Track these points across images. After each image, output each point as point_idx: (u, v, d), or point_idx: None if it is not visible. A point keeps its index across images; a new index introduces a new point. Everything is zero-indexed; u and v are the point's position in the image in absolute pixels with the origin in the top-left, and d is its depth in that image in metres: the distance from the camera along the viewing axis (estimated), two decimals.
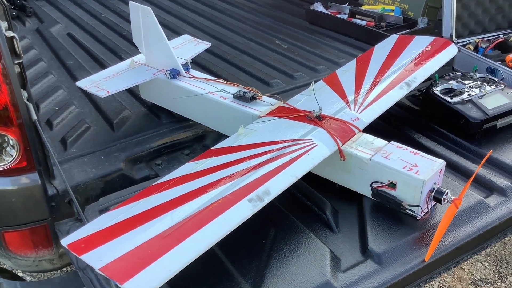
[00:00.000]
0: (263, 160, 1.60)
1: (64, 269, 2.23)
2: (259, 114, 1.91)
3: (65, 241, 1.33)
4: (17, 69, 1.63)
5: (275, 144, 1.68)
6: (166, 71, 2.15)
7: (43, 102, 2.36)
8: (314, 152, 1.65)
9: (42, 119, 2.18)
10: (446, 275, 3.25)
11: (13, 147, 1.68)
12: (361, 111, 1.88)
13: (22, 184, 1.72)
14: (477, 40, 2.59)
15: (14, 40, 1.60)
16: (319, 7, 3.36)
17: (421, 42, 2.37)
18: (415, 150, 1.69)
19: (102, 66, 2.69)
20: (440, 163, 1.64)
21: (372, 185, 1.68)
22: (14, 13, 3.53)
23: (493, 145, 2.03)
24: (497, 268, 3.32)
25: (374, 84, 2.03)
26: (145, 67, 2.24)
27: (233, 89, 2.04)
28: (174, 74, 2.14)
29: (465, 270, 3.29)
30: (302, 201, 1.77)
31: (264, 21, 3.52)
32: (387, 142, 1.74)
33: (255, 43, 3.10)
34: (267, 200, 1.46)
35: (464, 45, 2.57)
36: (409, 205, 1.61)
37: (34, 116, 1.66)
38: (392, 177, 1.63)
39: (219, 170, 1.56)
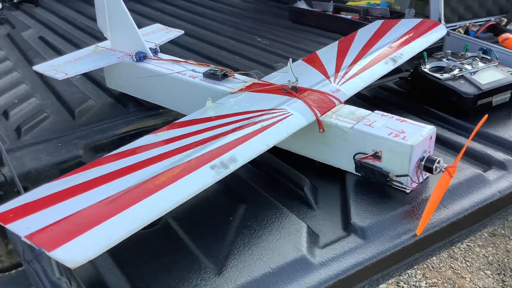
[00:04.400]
0: (231, 128, 1.41)
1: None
2: (230, 91, 1.73)
3: None
4: None
5: (245, 114, 1.50)
6: (132, 54, 1.98)
7: (2, 95, 2.18)
8: (288, 121, 1.47)
9: None
10: (446, 284, 3.02)
11: None
12: (342, 83, 1.71)
13: None
14: (467, 24, 2.44)
15: None
16: (302, 5, 3.24)
17: (407, 24, 2.22)
18: (401, 118, 1.51)
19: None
20: (430, 128, 1.46)
21: (355, 158, 1.49)
22: None
23: (489, 123, 1.83)
24: (501, 277, 3.09)
25: (356, 60, 1.87)
26: (110, 51, 2.08)
27: (204, 69, 1.87)
28: (140, 56, 1.97)
29: (467, 279, 3.06)
30: (277, 179, 1.58)
31: (245, 22, 3.39)
32: (370, 111, 1.56)
33: (236, 41, 2.96)
34: (232, 167, 1.27)
35: (454, 30, 2.42)
36: (397, 176, 1.42)
37: None
38: (376, 146, 1.44)
39: (180, 140, 1.38)
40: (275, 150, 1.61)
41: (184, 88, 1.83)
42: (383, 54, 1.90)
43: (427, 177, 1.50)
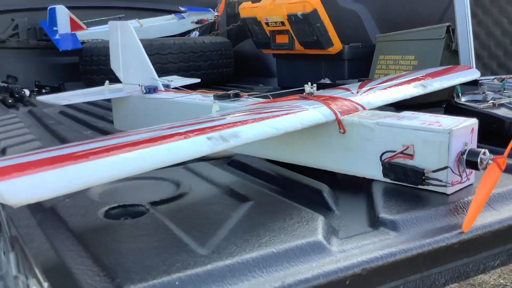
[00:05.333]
0: (240, 116, 1.23)
1: None
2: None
3: None
4: None
5: (256, 111, 1.32)
6: (142, 86, 1.88)
7: None
8: (303, 114, 1.29)
9: None
10: None
11: None
12: (366, 95, 1.53)
13: None
14: (503, 77, 2.28)
15: None
16: (327, 81, 3.17)
17: (439, 69, 2.09)
18: (436, 114, 1.30)
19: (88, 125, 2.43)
20: (472, 120, 1.24)
21: (382, 158, 1.26)
22: (10, 101, 3.45)
23: None
24: None
25: (383, 82, 1.70)
26: (120, 87, 1.98)
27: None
28: (150, 88, 1.87)
29: None
30: (292, 186, 1.33)
31: None
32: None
33: None
34: (233, 142, 1.07)
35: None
36: (434, 171, 1.17)
37: None
38: (407, 140, 1.22)
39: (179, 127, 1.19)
40: (290, 166, 1.41)
41: (195, 111, 1.68)
42: (413, 80, 1.74)
43: (471, 184, 1.25)
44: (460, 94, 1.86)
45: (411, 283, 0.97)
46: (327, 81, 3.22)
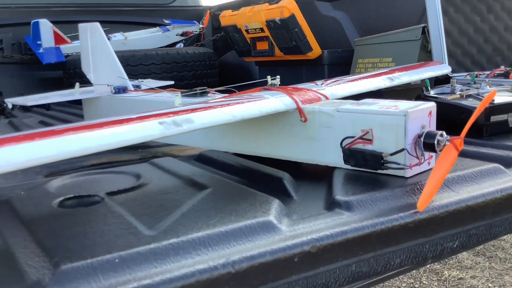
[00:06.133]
0: (198, 105, 1.23)
1: None
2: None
3: None
4: None
5: (220, 101, 1.31)
6: (111, 86, 1.88)
7: None
8: (263, 102, 1.28)
9: None
10: None
11: None
12: (330, 86, 1.53)
13: None
14: (475, 73, 2.29)
15: None
16: None
17: (411, 65, 2.10)
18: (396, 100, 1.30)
19: None
20: (429, 103, 1.24)
21: (343, 144, 1.25)
22: None
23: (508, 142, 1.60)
24: None
25: (350, 77, 1.71)
26: (90, 89, 1.98)
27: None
28: (120, 89, 1.86)
29: None
30: (252, 175, 1.32)
31: None
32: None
33: None
34: (186, 127, 1.07)
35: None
36: (392, 154, 1.17)
37: None
38: (366, 125, 1.21)
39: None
40: (252, 158, 1.41)
41: (160, 107, 1.67)
42: (381, 74, 1.74)
43: (431, 168, 1.24)
44: (429, 88, 1.86)
45: (364, 261, 0.96)
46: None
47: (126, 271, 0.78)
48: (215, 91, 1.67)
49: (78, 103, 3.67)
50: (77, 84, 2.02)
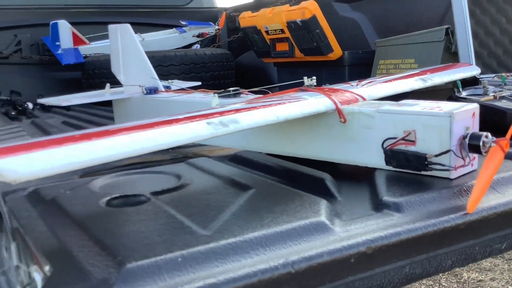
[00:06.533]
0: (239, 105, 1.23)
1: None
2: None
3: None
4: None
5: (256, 103, 1.32)
6: (143, 87, 1.89)
7: None
8: (303, 103, 1.29)
9: None
10: None
11: None
12: (367, 87, 1.53)
13: None
14: (505, 74, 2.28)
15: None
16: None
17: (439, 66, 2.09)
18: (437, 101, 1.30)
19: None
20: (473, 105, 1.24)
21: (384, 146, 1.25)
22: (13, 113, 3.46)
23: None
24: None
25: (384, 77, 1.71)
26: (121, 89, 1.99)
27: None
28: (151, 89, 1.87)
29: None
30: (293, 176, 1.33)
31: None
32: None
33: None
34: (233, 127, 1.07)
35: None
36: (436, 155, 1.16)
37: None
38: (408, 126, 1.21)
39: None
40: (290, 158, 1.41)
41: (194, 108, 1.67)
42: (413, 75, 1.74)
43: (475, 170, 1.24)
44: (460, 89, 1.86)
45: (418, 263, 0.96)
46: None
47: (189, 270, 0.79)
48: (248, 91, 1.67)
49: (99, 104, 3.69)
50: (108, 85, 2.04)
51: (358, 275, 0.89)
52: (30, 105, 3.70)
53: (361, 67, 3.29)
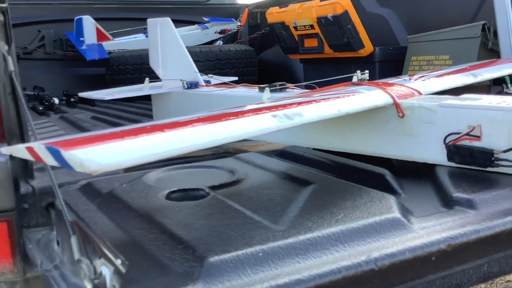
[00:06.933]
0: (296, 99, 1.20)
1: None
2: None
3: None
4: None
5: (311, 97, 1.29)
6: (184, 81, 1.86)
7: None
8: (362, 97, 1.25)
9: None
10: None
11: None
12: (421, 81, 1.49)
13: None
14: None
15: None
16: None
17: (481, 62, 2.05)
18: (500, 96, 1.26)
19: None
20: None
21: (446, 141, 1.21)
22: (40, 108, 3.45)
23: None
24: None
25: (435, 71, 1.67)
26: (160, 84, 1.97)
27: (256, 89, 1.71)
28: (192, 83, 1.85)
29: None
30: (351, 172, 1.29)
31: None
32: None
33: None
34: (298, 120, 1.04)
35: None
36: (505, 151, 1.13)
37: (11, 68, 1.35)
38: (473, 120, 1.17)
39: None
40: (344, 154, 1.38)
41: (241, 103, 1.64)
42: (462, 70, 1.70)
43: None
44: (509, 85, 1.82)
45: (495, 262, 0.93)
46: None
47: (271, 265, 0.76)
48: (294, 86, 1.64)
49: (125, 99, 3.68)
50: (147, 79, 2.01)
51: (438, 274, 0.86)
52: (57, 100, 3.70)
53: (391, 63, 3.24)
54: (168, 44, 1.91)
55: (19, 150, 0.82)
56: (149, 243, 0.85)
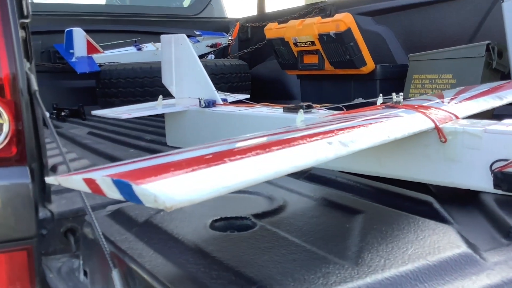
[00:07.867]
0: (338, 124, 1.15)
1: None
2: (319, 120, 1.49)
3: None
4: (21, 33, 1.30)
5: (349, 121, 1.24)
6: (202, 100, 1.80)
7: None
8: (405, 120, 1.21)
9: None
10: None
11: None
12: (456, 104, 1.46)
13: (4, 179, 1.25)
14: None
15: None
16: None
17: (495, 85, 2.04)
18: None
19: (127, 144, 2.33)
20: None
21: (493, 167, 1.18)
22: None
23: None
24: None
25: (458, 94, 1.64)
26: (174, 102, 1.90)
27: (280, 109, 1.66)
28: (209, 102, 1.79)
29: None
30: (390, 196, 1.25)
31: None
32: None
33: None
34: (352, 146, 0.99)
35: None
36: None
37: (35, 86, 1.28)
38: None
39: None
40: (383, 180, 1.34)
41: (265, 124, 1.59)
42: (486, 93, 1.68)
43: None
44: None
45: None
46: (361, 100, 3.17)
47: None
48: (320, 106, 1.59)
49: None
50: (160, 96, 1.94)
51: None
52: (47, 114, 3.58)
53: (392, 81, 3.24)
54: (184, 61, 1.85)
55: (74, 182, 0.75)
56: (212, 281, 0.79)
